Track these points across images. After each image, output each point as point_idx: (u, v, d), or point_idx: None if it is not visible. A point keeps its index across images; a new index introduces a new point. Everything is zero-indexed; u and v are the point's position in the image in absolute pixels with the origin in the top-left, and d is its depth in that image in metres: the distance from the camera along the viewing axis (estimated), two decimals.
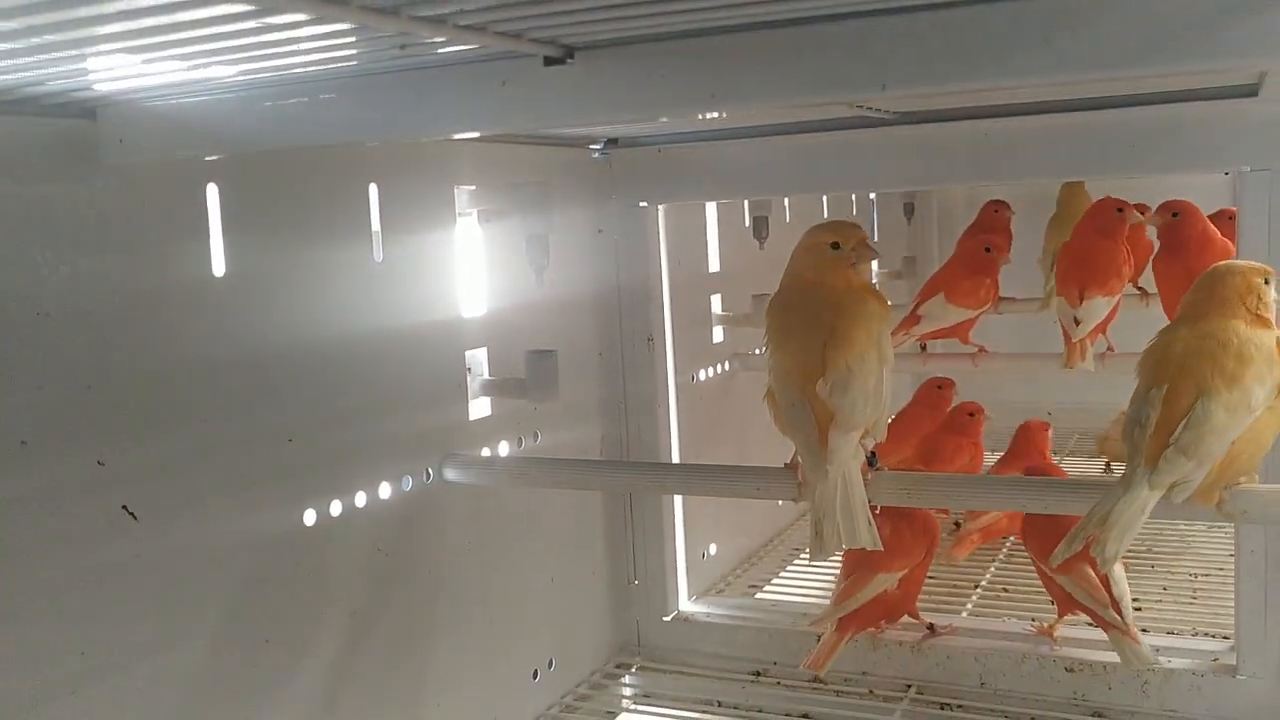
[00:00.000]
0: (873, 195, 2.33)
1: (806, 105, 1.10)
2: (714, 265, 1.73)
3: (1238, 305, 0.95)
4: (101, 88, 0.78)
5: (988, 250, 1.77)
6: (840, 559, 1.42)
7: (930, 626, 1.45)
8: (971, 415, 1.82)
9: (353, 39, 0.65)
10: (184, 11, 0.55)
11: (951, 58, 0.63)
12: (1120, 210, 1.60)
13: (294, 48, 0.65)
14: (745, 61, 0.67)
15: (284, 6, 0.55)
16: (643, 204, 1.49)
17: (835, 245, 1.03)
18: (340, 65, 0.74)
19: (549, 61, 0.71)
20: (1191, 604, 1.58)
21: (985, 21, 0.62)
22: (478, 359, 1.26)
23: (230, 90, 0.81)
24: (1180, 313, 0.99)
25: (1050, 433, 1.84)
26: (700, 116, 1.30)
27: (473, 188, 1.25)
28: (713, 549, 1.72)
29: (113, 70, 0.72)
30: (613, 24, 0.66)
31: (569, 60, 0.71)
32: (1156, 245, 1.60)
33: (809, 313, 1.01)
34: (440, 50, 0.71)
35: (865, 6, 0.63)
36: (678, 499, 1.58)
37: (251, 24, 0.57)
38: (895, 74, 0.63)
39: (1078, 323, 1.57)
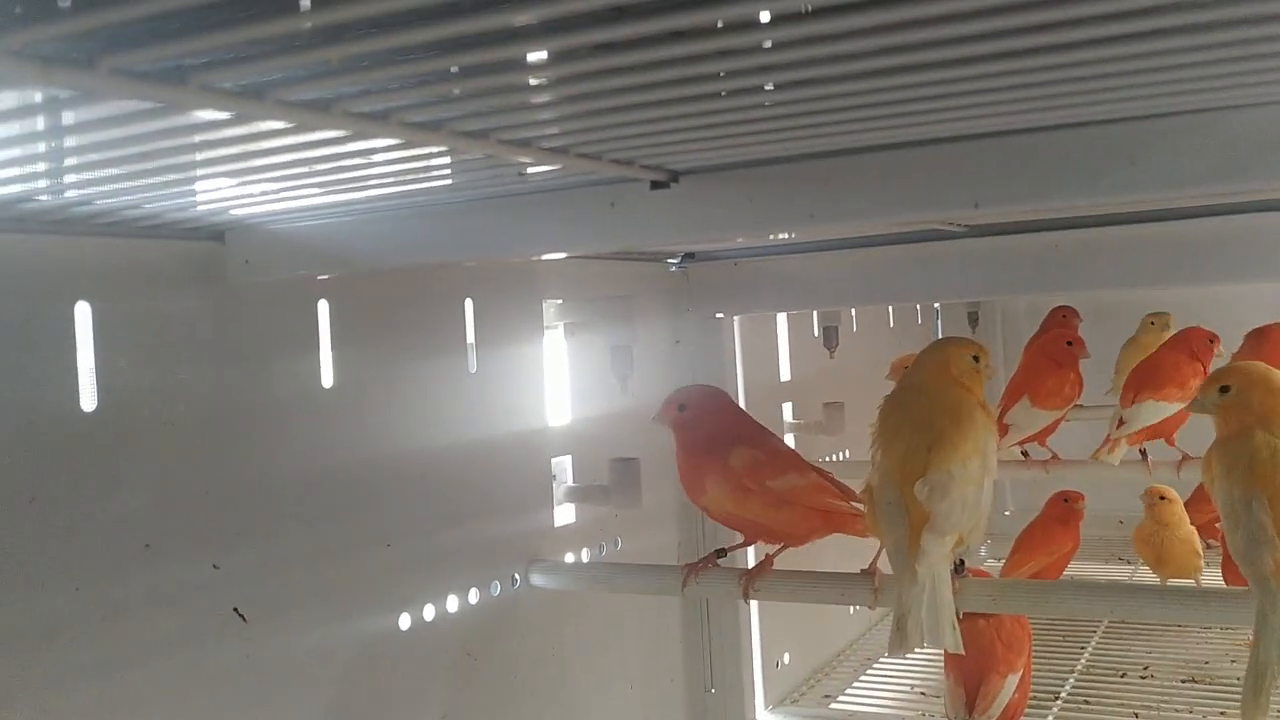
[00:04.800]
0: (937, 304, 2.36)
1: (900, 224, 1.14)
2: (785, 374, 1.77)
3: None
4: (236, 213, 0.84)
5: (1069, 344, 1.77)
6: (942, 666, 1.41)
7: None
8: (1067, 501, 1.86)
9: (480, 166, 0.70)
10: (345, 144, 0.60)
11: (1041, 179, 0.67)
12: (1211, 341, 1.65)
13: (430, 174, 0.70)
14: (843, 183, 0.71)
15: (427, 140, 0.60)
16: (719, 315, 1.53)
17: (976, 359, 1.07)
18: (459, 190, 0.79)
19: (655, 185, 0.76)
20: None
21: (1072, 144, 0.66)
22: (563, 466, 1.30)
23: (348, 213, 0.87)
24: None
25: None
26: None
27: (559, 301, 1.30)
28: (786, 658, 1.72)
29: (251, 199, 0.78)
30: (716, 151, 0.71)
31: (674, 184, 0.76)
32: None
33: (920, 415, 1.03)
34: (554, 175, 0.76)
35: (957, 133, 0.67)
36: (753, 606, 1.59)
37: (400, 154, 0.63)
38: (987, 194, 0.67)
39: (1121, 422, 1.59)
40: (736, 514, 1.15)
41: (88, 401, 0.83)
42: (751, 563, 1.45)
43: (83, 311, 0.83)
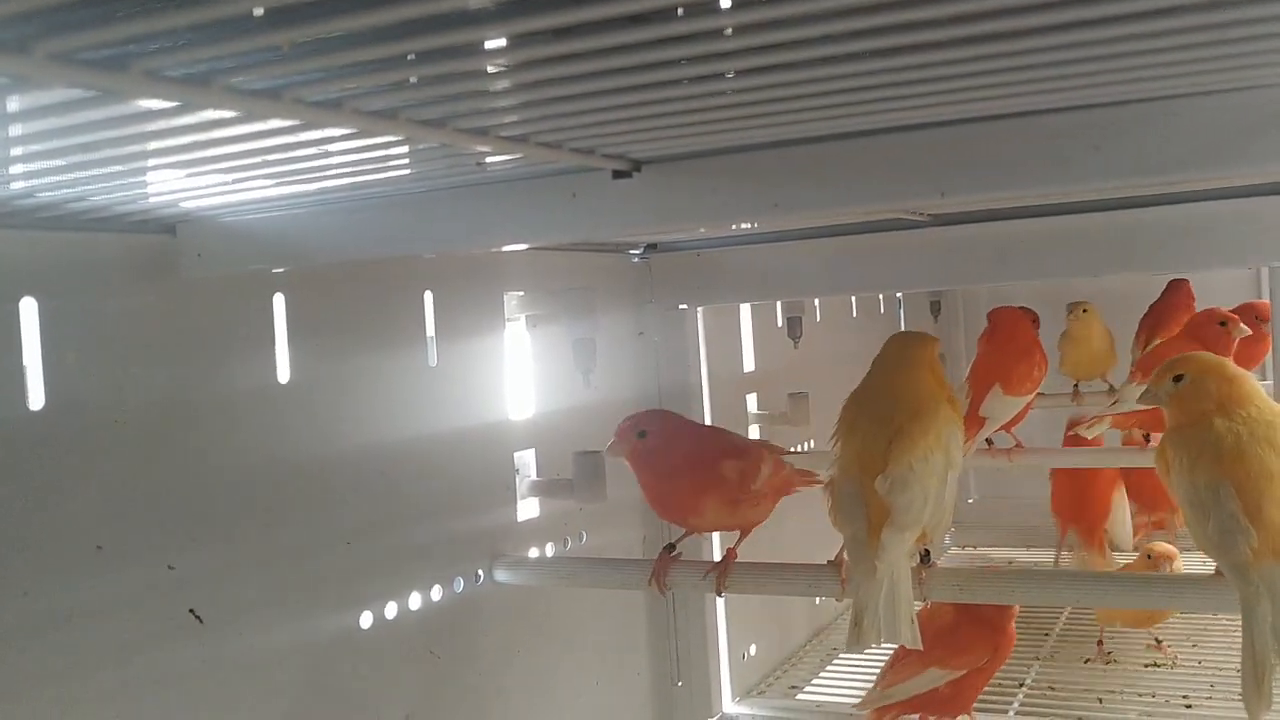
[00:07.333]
0: (899, 294, 2.36)
1: (864, 212, 1.14)
2: (749, 365, 1.76)
3: None
4: (187, 205, 0.82)
5: (1035, 322, 1.75)
6: (892, 648, 1.41)
7: None
8: None
9: (438, 156, 0.68)
10: (297, 134, 0.58)
11: (1008, 167, 0.66)
12: (1223, 324, 1.62)
13: (386, 164, 0.69)
14: (807, 172, 0.70)
15: (383, 129, 0.58)
16: (682, 306, 1.52)
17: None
18: (417, 180, 0.78)
19: (617, 175, 0.75)
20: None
21: (1039, 131, 0.65)
22: (526, 460, 1.28)
23: (304, 205, 0.85)
24: None
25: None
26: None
27: (520, 293, 1.29)
28: (753, 649, 1.72)
29: (202, 190, 0.76)
30: (679, 139, 0.69)
31: (636, 173, 0.75)
32: None
33: (880, 409, 1.02)
34: (513, 165, 0.75)
35: (924, 120, 0.66)
36: (719, 598, 1.58)
37: (355, 143, 0.61)
38: (954, 182, 0.66)
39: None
40: (728, 524, 1.14)
41: (35, 400, 0.80)
42: (717, 553, 1.45)
43: (28, 307, 0.80)
